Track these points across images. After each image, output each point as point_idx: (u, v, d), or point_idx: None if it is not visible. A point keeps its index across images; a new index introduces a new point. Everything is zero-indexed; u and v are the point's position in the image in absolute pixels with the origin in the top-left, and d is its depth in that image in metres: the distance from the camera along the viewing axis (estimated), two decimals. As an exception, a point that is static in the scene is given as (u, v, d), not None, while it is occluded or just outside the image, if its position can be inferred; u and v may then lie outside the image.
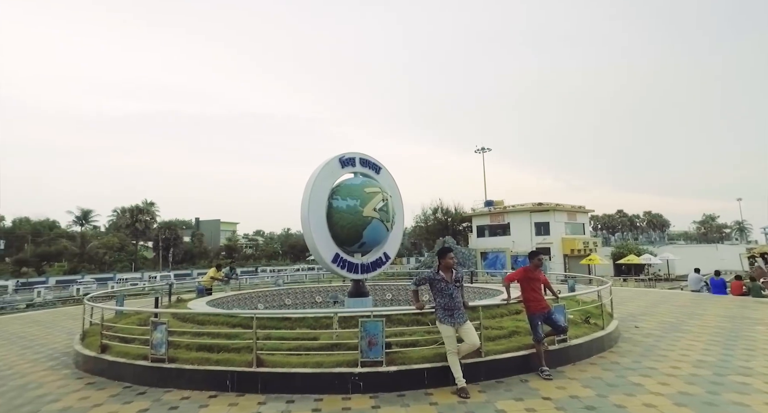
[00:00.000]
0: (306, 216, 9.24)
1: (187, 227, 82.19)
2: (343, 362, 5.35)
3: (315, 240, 9.25)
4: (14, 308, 28.40)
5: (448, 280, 5.32)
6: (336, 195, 9.78)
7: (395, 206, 10.81)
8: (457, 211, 47.17)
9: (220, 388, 5.28)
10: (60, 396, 5.40)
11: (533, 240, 37.45)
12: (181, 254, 68.23)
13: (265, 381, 5.21)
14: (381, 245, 10.70)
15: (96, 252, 59.31)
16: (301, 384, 5.16)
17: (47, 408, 4.96)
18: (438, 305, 5.33)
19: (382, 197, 9.98)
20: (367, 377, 5.14)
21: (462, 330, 5.19)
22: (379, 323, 5.40)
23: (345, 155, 10.30)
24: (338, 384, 5.12)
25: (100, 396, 5.29)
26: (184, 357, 5.73)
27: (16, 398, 5.45)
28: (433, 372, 5.24)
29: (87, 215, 67.47)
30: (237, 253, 72.28)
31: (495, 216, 41.56)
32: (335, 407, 4.68)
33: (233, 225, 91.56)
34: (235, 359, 5.54)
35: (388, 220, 10.22)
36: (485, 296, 11.44)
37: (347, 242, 9.89)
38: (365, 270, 10.33)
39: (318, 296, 13.46)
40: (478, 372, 5.40)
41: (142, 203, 64.13)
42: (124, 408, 4.83)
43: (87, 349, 6.80)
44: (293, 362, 5.42)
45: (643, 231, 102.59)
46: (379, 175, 11.02)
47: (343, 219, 9.56)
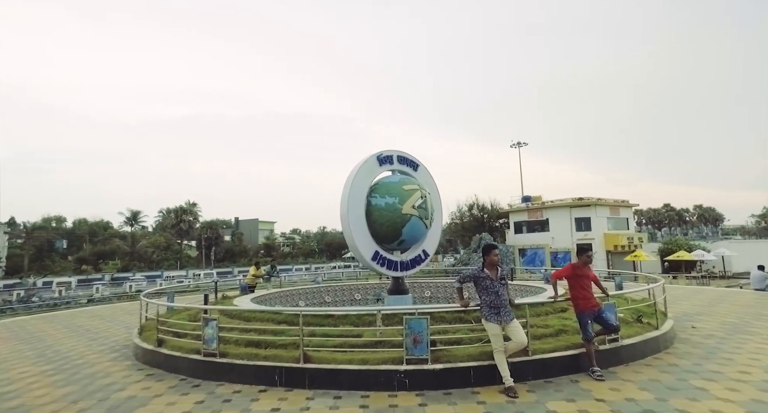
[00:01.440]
0: (345, 214, 9.34)
1: (227, 226, 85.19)
2: (388, 359, 5.39)
3: (354, 238, 9.34)
4: (77, 303, 30.48)
5: (494, 277, 5.24)
6: (374, 193, 9.84)
7: (433, 203, 10.75)
8: (493, 207, 46.33)
9: (269, 383, 5.45)
10: (125, 385, 5.75)
11: (573, 236, 36.22)
12: (222, 253, 70.82)
13: (312, 376, 5.33)
14: (420, 242, 10.68)
15: (145, 251, 62.58)
16: (347, 381, 5.23)
17: (115, 396, 5.31)
18: (483, 303, 5.26)
19: (421, 194, 9.95)
20: (413, 374, 5.15)
21: (508, 329, 5.10)
22: (423, 320, 5.39)
23: (383, 153, 10.33)
24: (384, 381, 5.16)
25: (160, 387, 5.58)
26: (234, 352, 5.95)
27: (89, 385, 5.85)
28: (479, 371, 5.18)
29: (136, 216, 71.25)
30: (275, 251, 74.20)
31: (533, 212, 40.48)
32: (382, 404, 4.71)
33: (271, 224, 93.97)
34: (283, 355, 5.69)
35: (427, 217, 10.19)
36: (527, 294, 11.19)
37: (386, 239, 9.93)
38: (404, 268, 10.35)
39: (357, 293, 13.60)
40: (526, 371, 5.29)
41: (186, 203, 67.01)
42: (182, 400, 5.07)
43: (145, 343, 7.19)
44: (339, 358, 5.50)
45: (694, 226, 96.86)
46: (417, 172, 10.99)
47: (382, 217, 9.60)
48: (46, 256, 65.53)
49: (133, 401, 5.09)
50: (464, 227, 47.13)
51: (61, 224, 78.17)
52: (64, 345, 8.94)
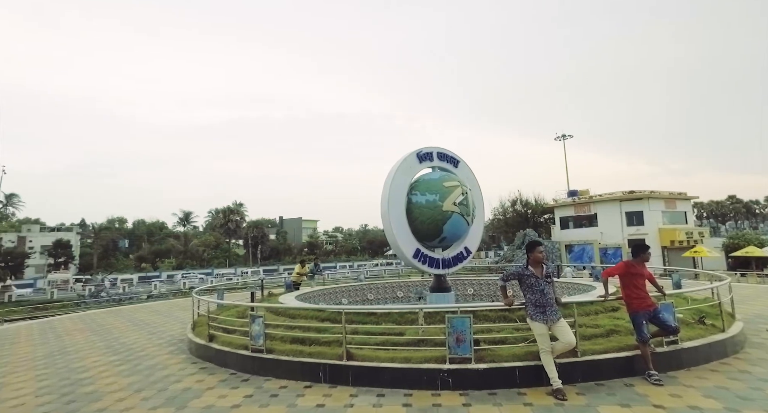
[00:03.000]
0: (386, 212, 9.35)
1: (272, 225, 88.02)
2: (430, 358, 5.35)
3: (396, 236, 9.33)
4: (138, 298, 32.68)
5: (539, 275, 5.07)
6: (415, 190, 9.78)
7: (475, 199, 10.54)
8: (537, 202, 44.86)
9: (314, 379, 5.56)
10: (181, 377, 6.08)
11: (624, 231, 34.33)
12: (268, 251, 73.27)
13: (355, 374, 5.38)
14: (462, 239, 10.51)
15: (196, 250, 65.94)
16: (390, 378, 5.24)
17: (173, 387, 5.63)
18: (528, 301, 5.10)
19: (462, 190, 9.79)
20: (456, 373, 5.08)
21: (555, 328, 4.91)
22: (466, 319, 5.30)
23: (422, 149, 10.25)
24: (427, 380, 5.12)
25: (212, 381, 5.86)
26: (280, 349, 6.12)
27: (150, 376, 6.25)
28: (525, 371, 5.03)
29: (188, 217, 75.23)
30: (318, 249, 75.81)
31: (580, 207, 38.75)
32: (425, 403, 4.68)
33: (314, 223, 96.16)
34: (326, 352, 5.79)
35: (469, 214, 10.01)
36: (575, 292, 10.76)
37: (428, 237, 9.85)
38: (446, 265, 10.22)
39: (399, 291, 13.62)
40: (575, 373, 5.07)
41: (233, 204, 69.94)
42: (232, 393, 5.29)
43: (198, 338, 7.56)
44: (381, 356, 5.52)
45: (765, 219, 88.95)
46: (458, 168, 10.81)
47: (423, 214, 9.54)
48: (111, 254, 70.64)
49: (189, 393, 5.37)
50: (507, 223, 45.97)
51: (123, 225, 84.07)
52: (128, 337, 9.60)
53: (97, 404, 5.11)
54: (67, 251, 62.22)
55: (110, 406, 5.01)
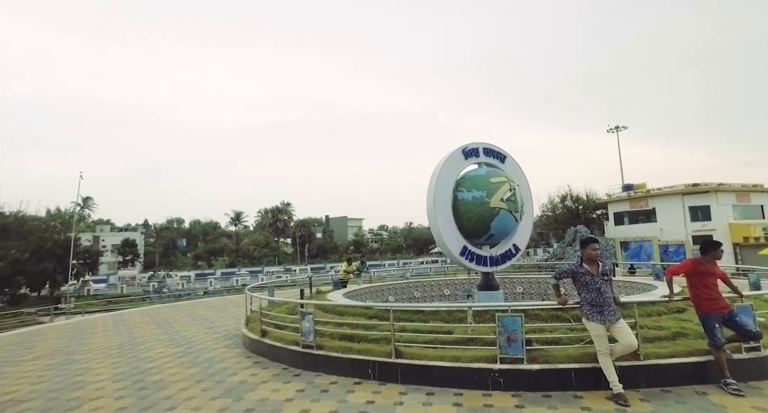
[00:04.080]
0: (432, 209, 9.28)
1: (318, 224, 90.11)
2: (480, 357, 5.24)
3: (442, 233, 9.24)
4: (195, 294, 34.65)
5: (594, 273, 4.81)
6: (461, 187, 9.64)
7: (523, 195, 10.24)
8: (589, 197, 42.78)
9: (363, 376, 5.61)
10: (237, 370, 6.36)
11: (687, 227, 31.90)
12: (315, 249, 75.10)
13: (404, 371, 5.38)
14: (510, 236, 10.25)
15: (247, 248, 68.75)
16: (439, 377, 5.19)
17: (229, 379, 5.90)
18: (584, 300, 4.86)
19: (509, 186, 9.53)
20: (508, 374, 4.94)
21: (615, 329, 4.64)
22: (517, 318, 5.14)
23: (468, 146, 10.07)
24: (477, 380, 5.02)
25: (265, 375, 6.07)
26: (329, 345, 6.24)
27: (208, 368, 6.58)
28: (581, 374, 4.80)
29: (239, 217, 78.63)
30: (363, 247, 76.70)
31: (636, 201, 36.44)
32: (476, 403, 4.59)
33: (359, 221, 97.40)
34: (375, 349, 5.82)
35: (517, 210, 9.73)
36: (633, 291, 10.17)
37: (474, 234, 9.68)
38: (494, 263, 10.00)
39: (446, 289, 13.49)
40: (637, 378, 4.77)
41: (281, 204, 72.24)
42: (285, 387, 5.45)
43: (251, 333, 7.86)
44: (430, 355, 5.48)
45: None
46: (505, 164, 10.54)
47: (470, 211, 9.38)
48: (171, 253, 75.30)
49: (244, 385, 5.60)
50: (557, 219, 44.22)
51: (180, 225, 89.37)
52: (188, 331, 10.19)
53: (164, 392, 5.46)
54: (133, 249, 67.17)
55: (175, 395, 5.33)
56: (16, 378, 6.68)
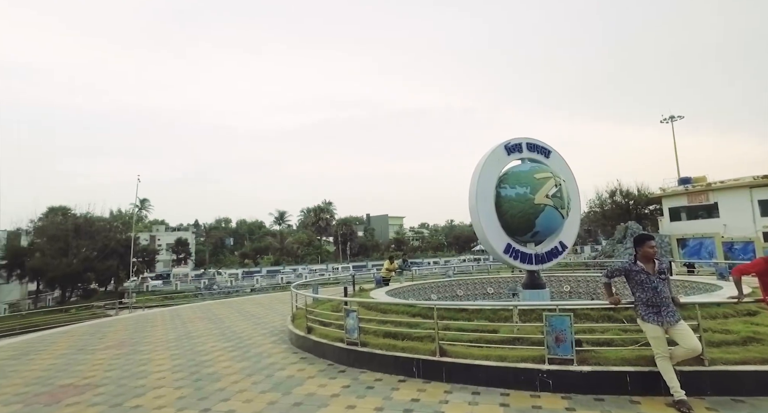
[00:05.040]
0: (474, 207, 9.14)
1: (359, 222, 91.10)
2: (527, 357, 5.11)
3: (485, 231, 9.08)
4: (243, 291, 36.10)
5: (650, 271, 4.54)
6: (504, 184, 9.43)
7: (570, 191, 9.87)
8: (640, 192, 40.45)
9: (408, 374, 5.63)
10: (284, 365, 6.57)
11: (757, 223, 29.35)
12: (357, 248, 76.00)
13: (449, 370, 5.34)
14: (556, 233, 9.92)
15: (291, 247, 70.68)
16: (484, 377, 5.11)
17: (277, 374, 6.10)
18: (639, 300, 4.60)
19: (555, 182, 9.22)
20: (557, 375, 4.78)
21: (675, 332, 4.36)
22: (566, 318, 4.96)
23: (510, 141, 9.83)
24: (524, 380, 4.90)
25: (312, 370, 6.23)
26: (373, 343, 6.30)
27: (257, 363, 6.84)
28: (637, 377, 4.56)
29: (283, 216, 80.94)
30: (405, 245, 76.78)
31: (695, 196, 34.00)
32: (524, 404, 4.49)
33: (400, 219, 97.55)
34: (419, 347, 5.82)
35: (563, 206, 9.39)
36: (695, 291, 9.53)
37: (519, 231, 9.44)
38: (540, 261, 9.71)
39: (489, 287, 13.24)
40: (702, 385, 4.46)
41: (322, 203, 73.62)
42: (331, 383, 5.57)
43: (297, 329, 8.09)
44: (475, 354, 5.41)
45: None
46: (549, 159, 10.20)
47: (513, 208, 9.16)
48: (220, 251, 78.76)
49: (292, 380, 5.77)
50: (605, 215, 42.18)
51: (228, 225, 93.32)
52: (237, 327, 10.64)
53: (217, 384, 5.74)
54: (186, 248, 70.96)
55: (228, 387, 5.59)
56: (92, 365, 7.33)
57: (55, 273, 32.71)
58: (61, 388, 6.03)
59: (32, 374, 7.02)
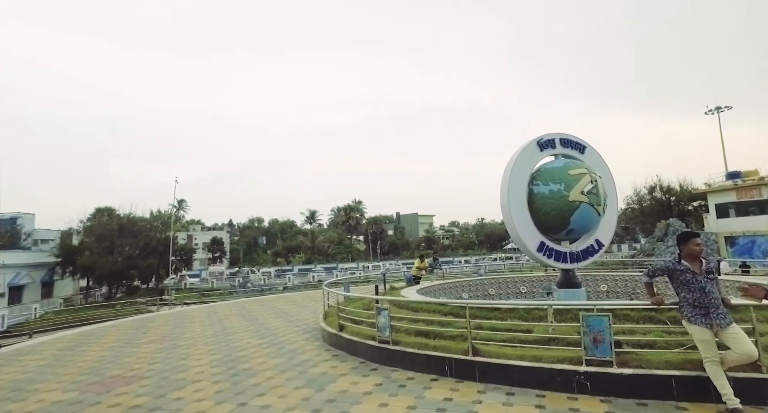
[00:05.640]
0: (506, 204, 8.98)
1: (389, 221, 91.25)
2: (563, 358, 4.97)
3: (517, 229, 8.91)
4: (276, 289, 36.92)
5: (696, 271, 4.31)
6: (536, 180, 9.22)
7: (606, 187, 9.54)
8: (682, 188, 38.49)
9: (440, 373, 5.60)
10: (317, 362, 6.68)
11: (817, 218, 27.38)
12: (387, 246, 76.16)
13: (482, 370, 5.28)
14: (592, 231, 9.61)
15: (322, 246, 71.60)
16: (519, 377, 5.02)
17: (311, 371, 6.21)
18: (684, 301, 4.38)
19: (590, 178, 8.93)
20: (595, 377, 4.63)
21: (726, 335, 4.10)
22: (604, 318, 4.79)
23: (543, 137, 9.60)
24: (560, 382, 4.78)
25: (344, 368, 6.30)
26: (405, 341, 6.29)
27: (291, 359, 6.99)
28: (683, 382, 4.34)
29: (313, 215, 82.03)
30: (435, 244, 76.31)
31: (745, 191, 32.03)
32: (561, 406, 4.37)
33: (430, 218, 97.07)
34: (451, 346, 5.77)
35: (599, 203, 9.08)
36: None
37: (552, 229, 9.21)
38: (575, 259, 9.44)
39: (522, 286, 12.98)
40: (761, 393, 4.14)
41: (352, 202, 74.07)
42: (363, 380, 5.61)
43: (329, 327, 8.19)
44: (509, 354, 5.32)
45: None
46: (584, 155, 9.89)
47: (547, 205, 8.94)
48: (253, 250, 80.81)
49: (325, 377, 5.86)
50: (644, 212, 40.40)
51: (260, 224, 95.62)
52: (271, 324, 10.89)
53: (253, 379, 5.91)
54: (221, 247, 73.16)
55: (263, 382, 5.73)
56: (137, 358, 7.72)
57: (102, 271, 34.61)
58: (111, 378, 6.39)
59: (85, 364, 7.50)
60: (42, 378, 6.70)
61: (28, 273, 34.28)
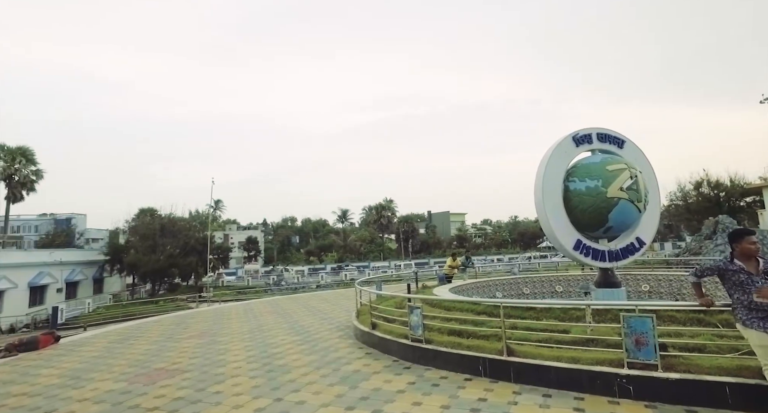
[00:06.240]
0: (540, 201, 8.75)
1: (421, 220, 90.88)
2: (603, 360, 4.79)
3: (552, 227, 8.66)
4: (309, 287, 37.60)
5: (752, 271, 4.03)
6: (572, 177, 8.93)
7: (648, 183, 9.12)
8: (733, 182, 36.22)
9: (474, 372, 5.53)
10: (350, 360, 6.74)
11: None
12: (418, 245, 75.96)
13: (517, 370, 5.17)
14: (632, 229, 9.23)
15: (354, 244, 72.26)
16: (556, 379, 4.88)
17: (344, 368, 6.28)
18: (738, 303, 4.10)
19: (630, 173, 8.57)
20: (639, 381, 4.43)
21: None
22: (647, 319, 4.58)
23: (579, 132, 9.28)
24: (600, 385, 4.61)
25: (377, 366, 6.33)
26: (438, 340, 6.26)
27: (325, 356, 7.10)
28: (739, 390, 4.06)
29: (345, 214, 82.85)
30: (467, 242, 75.45)
31: (807, 184, 29.77)
32: (601, 410, 4.22)
33: (461, 216, 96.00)
34: (485, 346, 5.69)
35: (640, 200, 8.70)
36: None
37: (589, 227, 8.90)
38: (614, 258, 9.08)
39: (558, 285, 12.63)
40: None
41: (384, 201, 74.26)
42: (396, 379, 5.62)
43: (362, 325, 8.25)
44: (545, 354, 5.18)
45: None
46: (623, 149, 9.50)
47: (583, 202, 8.65)
48: (287, 249, 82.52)
49: (358, 375, 5.91)
50: (689, 209, 38.33)
51: (294, 224, 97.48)
52: (305, 321, 11.09)
53: (288, 375, 6.04)
54: (256, 246, 75.20)
55: (298, 378, 5.85)
56: (179, 352, 8.07)
57: (146, 268, 36.41)
58: (156, 371, 6.71)
59: (133, 357, 7.93)
60: (96, 369, 7.17)
61: (82, 270, 36.60)
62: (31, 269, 31.17)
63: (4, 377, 7.08)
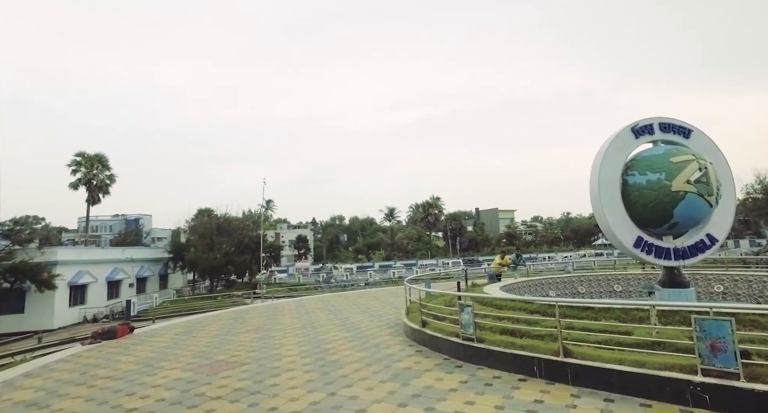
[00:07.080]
0: (597, 197, 8.33)
1: (468, 217, 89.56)
2: (672, 365, 4.48)
3: (610, 223, 8.22)
4: (357, 285, 38.23)
5: None
6: (632, 170, 8.42)
7: (720, 175, 8.40)
8: (825, 172, 32.52)
9: (528, 373, 5.37)
10: (401, 357, 6.78)
11: None
12: (467, 242, 74.84)
13: (575, 372, 4.96)
14: (701, 224, 8.55)
15: (401, 242, 72.42)
16: (618, 383, 4.63)
17: (395, 365, 6.34)
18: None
19: (698, 165, 7.94)
20: (715, 390, 4.09)
21: None
22: (725, 323, 4.22)
23: (638, 123, 8.73)
24: (670, 392, 4.31)
25: (428, 363, 6.32)
26: (490, 339, 6.14)
27: (376, 353, 7.20)
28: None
29: (392, 212, 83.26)
30: (517, 240, 73.35)
31: None
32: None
33: (511, 213, 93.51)
34: (540, 346, 5.51)
35: (710, 193, 8.04)
36: None
37: (651, 223, 8.36)
38: (680, 256, 8.46)
39: (617, 284, 11.96)
40: None
41: (430, 198, 73.74)
42: (448, 377, 5.59)
43: (412, 323, 8.26)
44: (605, 357, 4.93)
45: None
46: (690, 139, 8.83)
47: (644, 197, 8.13)
48: (335, 247, 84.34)
49: (409, 372, 5.93)
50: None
51: (342, 222, 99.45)
52: (355, 318, 11.28)
53: (340, 370, 6.18)
54: (305, 244, 77.44)
55: (350, 374, 5.97)
56: (237, 346, 8.51)
57: (204, 266, 38.71)
58: (217, 363, 7.13)
59: (197, 348, 8.48)
60: (165, 358, 7.77)
61: (149, 267, 39.64)
62: (108, 265, 34.12)
63: (93, 361, 8.02)
